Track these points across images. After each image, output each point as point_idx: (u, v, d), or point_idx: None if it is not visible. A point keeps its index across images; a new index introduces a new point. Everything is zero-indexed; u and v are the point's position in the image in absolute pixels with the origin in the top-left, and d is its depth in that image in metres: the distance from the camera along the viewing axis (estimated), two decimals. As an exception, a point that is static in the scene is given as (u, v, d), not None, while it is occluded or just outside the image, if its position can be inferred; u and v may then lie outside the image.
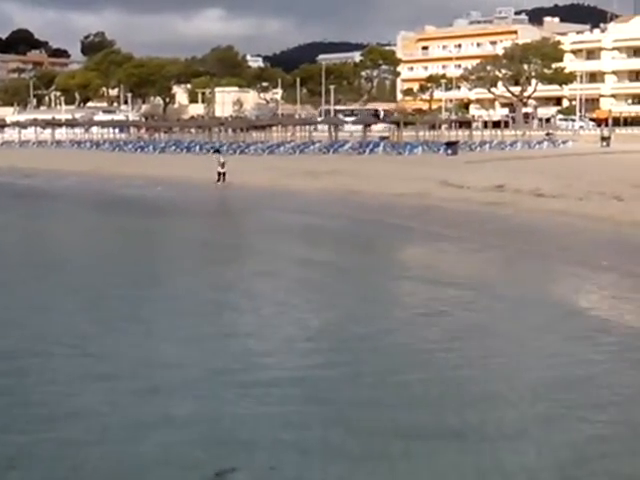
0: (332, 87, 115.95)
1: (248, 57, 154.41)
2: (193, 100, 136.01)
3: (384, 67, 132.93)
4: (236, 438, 8.90)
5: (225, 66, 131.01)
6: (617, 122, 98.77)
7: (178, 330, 13.46)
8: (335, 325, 13.84)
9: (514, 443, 8.75)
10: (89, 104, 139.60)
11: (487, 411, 9.61)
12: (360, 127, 76.78)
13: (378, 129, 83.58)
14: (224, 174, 42.09)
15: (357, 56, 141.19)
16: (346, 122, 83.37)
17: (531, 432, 9.01)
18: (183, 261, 21.08)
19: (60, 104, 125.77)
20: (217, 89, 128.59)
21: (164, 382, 10.70)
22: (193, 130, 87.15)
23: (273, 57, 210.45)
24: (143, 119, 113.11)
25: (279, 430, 9.10)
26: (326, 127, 79.89)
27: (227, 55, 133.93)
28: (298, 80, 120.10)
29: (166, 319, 14.41)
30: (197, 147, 72.12)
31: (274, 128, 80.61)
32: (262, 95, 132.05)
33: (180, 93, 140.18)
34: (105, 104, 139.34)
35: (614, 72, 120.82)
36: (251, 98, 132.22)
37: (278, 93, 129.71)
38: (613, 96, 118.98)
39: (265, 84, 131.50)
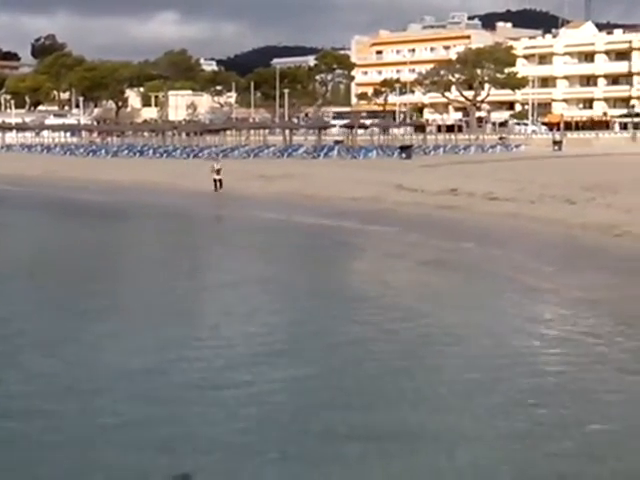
0: (286, 91, 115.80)
1: (202, 61, 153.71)
2: (146, 104, 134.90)
3: (338, 71, 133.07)
4: (192, 444, 8.62)
5: (178, 70, 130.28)
6: (569, 126, 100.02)
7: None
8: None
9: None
10: (40, 108, 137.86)
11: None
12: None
13: (333, 133, 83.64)
14: (220, 181, 39.54)
15: (311, 60, 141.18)
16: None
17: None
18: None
19: (10, 108, 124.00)
20: (170, 93, 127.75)
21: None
22: (146, 134, 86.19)
23: (227, 61, 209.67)
24: (95, 123, 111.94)
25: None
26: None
27: (180, 59, 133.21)
28: (252, 84, 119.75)
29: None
30: (150, 151, 71.47)
31: (228, 132, 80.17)
32: (216, 99, 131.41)
33: (133, 97, 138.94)
34: (56, 108, 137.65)
35: (565, 77, 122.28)
36: (205, 102, 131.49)
37: (232, 97, 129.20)
38: (565, 100, 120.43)
39: (219, 88, 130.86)
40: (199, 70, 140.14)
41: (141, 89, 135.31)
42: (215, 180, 39.63)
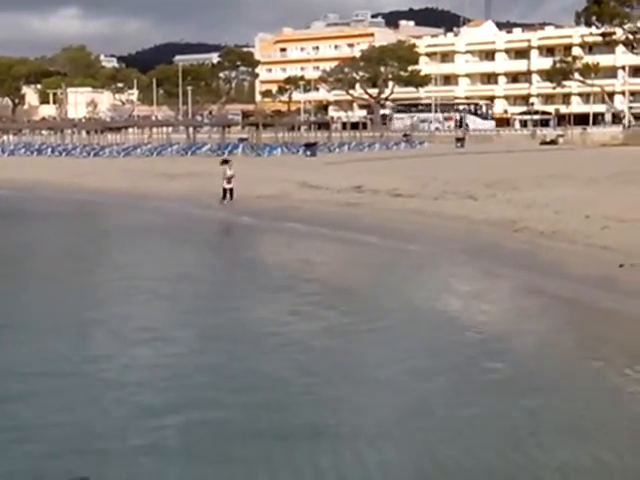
0: (190, 88, 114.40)
1: (102, 57, 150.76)
2: (44, 101, 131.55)
3: (242, 69, 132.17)
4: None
5: (78, 66, 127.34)
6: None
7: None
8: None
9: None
10: None
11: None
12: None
13: (237, 130, 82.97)
14: (231, 190, 32.12)
15: (215, 58, 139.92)
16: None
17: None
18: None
19: None
20: (69, 90, 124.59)
21: None
22: (44, 132, 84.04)
23: (128, 57, 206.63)
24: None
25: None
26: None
27: (79, 55, 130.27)
28: (154, 81, 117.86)
29: None
30: (49, 149, 69.55)
31: (130, 130, 78.79)
32: (117, 96, 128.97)
33: (30, 94, 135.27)
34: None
35: (467, 75, 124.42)
36: (106, 99, 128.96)
37: (134, 94, 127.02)
38: (467, 98, 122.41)
39: (120, 85, 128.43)
40: (99, 67, 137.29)
41: (38, 86, 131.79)
42: (225, 190, 32.29)
